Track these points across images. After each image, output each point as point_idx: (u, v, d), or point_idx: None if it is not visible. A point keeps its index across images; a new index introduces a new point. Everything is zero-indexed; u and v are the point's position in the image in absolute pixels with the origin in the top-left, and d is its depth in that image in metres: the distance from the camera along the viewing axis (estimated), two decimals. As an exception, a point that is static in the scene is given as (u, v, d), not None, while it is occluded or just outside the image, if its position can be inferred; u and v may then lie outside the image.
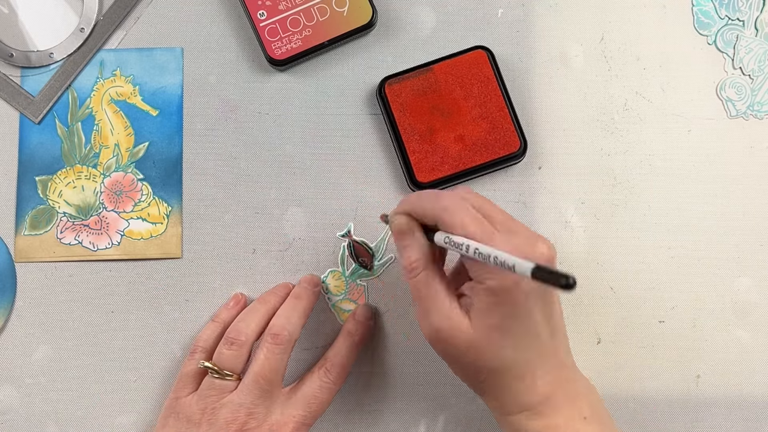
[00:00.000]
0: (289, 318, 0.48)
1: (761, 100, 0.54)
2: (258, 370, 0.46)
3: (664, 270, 0.53)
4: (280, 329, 0.47)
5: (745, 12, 0.55)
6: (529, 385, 0.41)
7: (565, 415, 0.41)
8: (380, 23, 0.54)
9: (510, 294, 0.39)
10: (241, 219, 0.53)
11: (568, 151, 0.54)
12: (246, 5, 0.53)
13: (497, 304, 0.40)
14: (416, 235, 0.43)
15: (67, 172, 0.53)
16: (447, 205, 0.41)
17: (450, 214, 0.41)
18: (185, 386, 0.48)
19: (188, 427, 0.46)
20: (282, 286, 0.51)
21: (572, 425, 0.41)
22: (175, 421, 0.47)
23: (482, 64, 0.52)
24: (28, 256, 0.52)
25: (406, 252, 0.43)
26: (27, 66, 0.53)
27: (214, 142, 0.53)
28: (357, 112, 0.54)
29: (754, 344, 0.52)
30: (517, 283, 0.39)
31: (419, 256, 0.42)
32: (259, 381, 0.46)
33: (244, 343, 0.47)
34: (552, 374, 0.42)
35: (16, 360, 0.51)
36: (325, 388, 0.48)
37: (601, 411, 0.43)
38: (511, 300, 0.39)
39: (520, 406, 0.41)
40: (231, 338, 0.47)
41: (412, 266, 0.42)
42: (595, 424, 0.42)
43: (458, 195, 0.42)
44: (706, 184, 0.53)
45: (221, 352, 0.47)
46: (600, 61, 0.54)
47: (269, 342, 0.46)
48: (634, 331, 0.52)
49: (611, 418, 0.44)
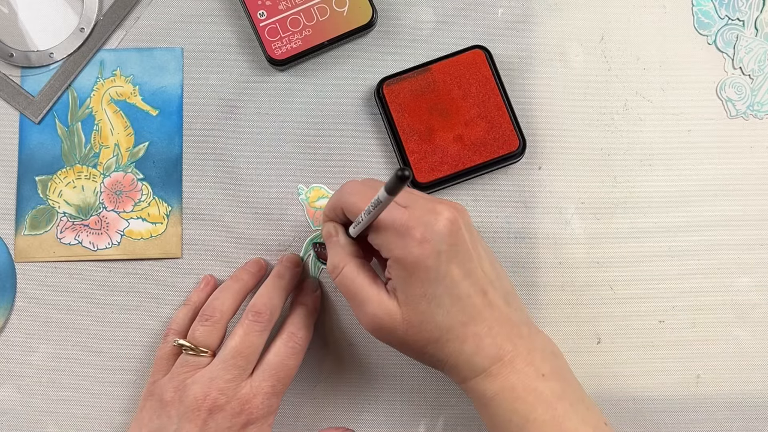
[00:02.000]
0: (272, 297, 0.48)
1: (761, 100, 0.54)
2: (235, 345, 0.46)
3: (664, 270, 0.53)
4: (262, 307, 0.47)
5: (745, 12, 0.55)
6: (475, 347, 0.41)
7: (521, 374, 0.41)
8: (380, 23, 0.54)
9: (419, 260, 0.40)
10: (241, 219, 0.53)
11: (568, 151, 0.54)
12: (246, 5, 0.53)
13: (411, 274, 0.41)
14: (339, 236, 0.45)
15: (67, 172, 0.53)
16: (344, 190, 0.44)
17: (347, 195, 0.43)
18: (161, 369, 0.48)
19: (161, 407, 0.45)
20: (253, 262, 0.51)
21: (530, 384, 0.41)
22: (151, 403, 0.46)
23: (480, 64, 0.52)
24: (28, 256, 0.52)
25: (329, 254, 0.45)
26: (27, 66, 0.53)
27: (214, 142, 0.53)
28: (357, 112, 0.54)
29: (754, 344, 0.52)
30: (421, 243, 0.40)
31: (341, 255, 0.44)
32: (236, 356, 0.45)
33: (219, 320, 0.47)
34: (497, 332, 0.42)
35: (16, 360, 0.51)
36: (291, 354, 0.47)
37: (561, 366, 0.43)
38: (422, 265, 0.40)
39: (473, 371, 0.42)
40: (206, 315, 0.47)
41: (334, 264, 0.44)
42: (554, 380, 0.42)
43: (363, 182, 0.45)
44: (706, 184, 0.53)
45: (196, 329, 0.47)
46: (600, 61, 0.54)
47: (250, 319, 0.46)
48: (634, 331, 0.52)
49: (573, 374, 0.44)
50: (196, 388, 0.45)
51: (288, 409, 0.51)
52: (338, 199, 0.44)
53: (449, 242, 0.41)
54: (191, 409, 0.44)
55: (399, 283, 0.41)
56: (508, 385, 0.41)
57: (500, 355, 0.41)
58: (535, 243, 0.53)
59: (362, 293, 0.43)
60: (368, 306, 0.42)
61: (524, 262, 0.52)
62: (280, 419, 0.51)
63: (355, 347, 0.52)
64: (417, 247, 0.40)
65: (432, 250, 0.40)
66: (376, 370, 0.52)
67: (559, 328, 0.52)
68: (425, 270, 0.40)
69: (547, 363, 0.42)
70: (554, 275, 0.52)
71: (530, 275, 0.52)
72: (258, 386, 0.46)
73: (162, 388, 0.46)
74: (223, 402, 0.45)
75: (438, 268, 0.41)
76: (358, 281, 0.43)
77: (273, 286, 0.49)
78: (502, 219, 0.53)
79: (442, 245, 0.41)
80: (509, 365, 0.41)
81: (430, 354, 0.42)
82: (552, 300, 0.52)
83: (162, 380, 0.47)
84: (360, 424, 0.51)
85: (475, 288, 0.42)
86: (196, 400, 0.44)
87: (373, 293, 0.42)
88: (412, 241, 0.40)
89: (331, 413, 0.51)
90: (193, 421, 0.44)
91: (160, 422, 0.45)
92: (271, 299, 0.48)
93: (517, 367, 0.41)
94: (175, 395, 0.45)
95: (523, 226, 0.53)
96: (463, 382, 0.43)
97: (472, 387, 0.42)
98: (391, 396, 0.52)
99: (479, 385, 0.42)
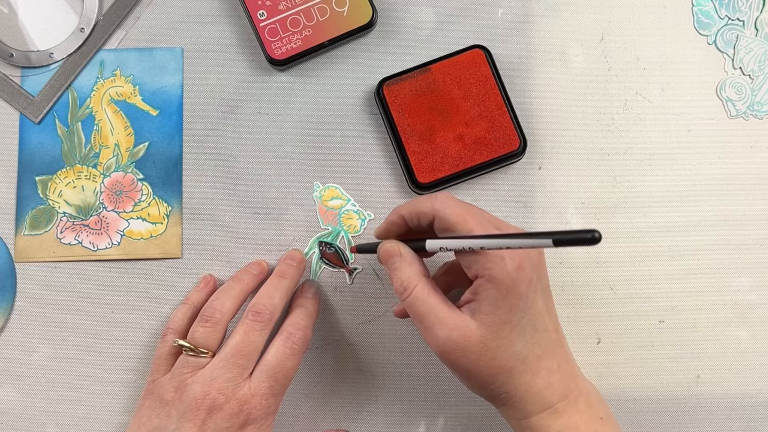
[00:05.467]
0: (272, 297, 0.48)
1: (761, 100, 0.54)
2: (235, 345, 0.45)
3: (664, 270, 0.53)
4: (263, 307, 0.47)
5: (745, 12, 0.55)
6: (545, 382, 0.41)
7: (584, 414, 0.41)
8: (380, 23, 0.54)
9: (514, 284, 0.39)
10: (241, 219, 0.53)
11: (568, 151, 0.54)
12: (246, 5, 0.53)
13: (505, 297, 0.40)
14: (403, 253, 0.43)
15: (67, 172, 0.53)
16: (443, 199, 0.42)
17: (449, 208, 0.41)
18: (160, 368, 0.47)
19: (161, 407, 0.45)
20: (255, 264, 0.51)
21: (591, 425, 0.41)
22: (150, 402, 0.46)
23: (480, 63, 0.52)
24: (28, 256, 0.52)
25: (395, 274, 0.43)
26: (27, 66, 0.53)
27: (214, 142, 0.53)
28: (357, 112, 0.54)
29: (754, 344, 0.52)
30: (519, 269, 0.39)
31: (410, 274, 0.42)
32: (236, 355, 0.45)
33: (219, 321, 0.47)
34: (564, 370, 0.42)
35: (16, 360, 0.51)
36: (290, 355, 0.47)
37: (611, 412, 0.44)
38: (516, 291, 0.40)
39: (539, 406, 0.41)
40: (206, 316, 0.47)
41: (404, 286, 0.42)
42: (610, 425, 0.42)
43: (445, 194, 0.43)
44: (706, 184, 0.53)
45: (196, 330, 0.47)
46: (600, 61, 0.54)
47: (250, 319, 0.46)
48: (634, 331, 0.52)
49: None
50: (196, 387, 0.45)
51: (288, 409, 0.51)
52: (434, 208, 0.42)
53: (539, 273, 0.41)
54: (190, 408, 0.44)
55: (487, 304, 0.40)
56: (572, 424, 0.41)
57: (566, 393, 0.41)
58: (535, 243, 0.53)
59: (435, 314, 0.41)
60: (442, 327, 0.40)
61: (524, 262, 0.52)
62: (280, 419, 0.51)
63: (355, 347, 0.52)
64: (515, 271, 0.39)
65: (526, 276, 0.40)
66: (376, 370, 0.52)
67: (559, 328, 0.52)
68: (517, 296, 0.40)
69: (602, 407, 0.43)
70: (554, 275, 0.52)
71: (530, 275, 0.52)
72: (256, 387, 0.45)
73: (162, 387, 0.46)
74: (222, 402, 0.44)
75: (528, 296, 0.40)
76: (430, 302, 0.41)
77: (274, 286, 0.48)
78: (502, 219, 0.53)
79: (534, 274, 0.40)
80: (573, 404, 0.41)
81: (499, 384, 0.41)
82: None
83: (162, 379, 0.47)
84: (360, 424, 0.51)
85: (553, 323, 0.42)
86: (195, 400, 0.44)
87: (446, 314, 0.41)
88: (510, 263, 0.39)
89: (331, 413, 0.51)
90: (192, 420, 0.44)
91: (160, 421, 0.45)
92: (272, 299, 0.47)
93: (580, 407, 0.41)
94: (176, 395, 0.45)
95: (523, 226, 0.53)
96: (526, 417, 0.42)
97: (535, 423, 0.41)
98: (391, 396, 0.52)
99: (544, 420, 0.41)
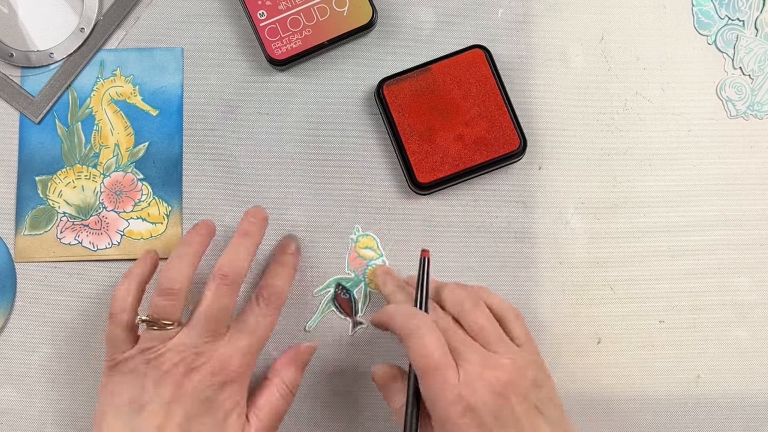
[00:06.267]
0: (238, 256, 0.46)
1: (761, 100, 0.54)
2: (205, 309, 0.44)
3: (664, 270, 0.53)
4: (229, 269, 0.45)
5: (745, 12, 0.55)
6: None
7: None
8: (380, 23, 0.54)
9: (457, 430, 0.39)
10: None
11: (568, 150, 0.54)
12: (246, 5, 0.53)
13: None
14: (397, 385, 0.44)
15: (67, 172, 0.53)
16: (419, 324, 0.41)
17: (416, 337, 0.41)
18: (118, 347, 0.45)
19: (134, 379, 0.43)
20: (202, 224, 0.49)
21: None
22: (120, 377, 0.44)
23: (480, 63, 0.52)
24: (28, 256, 0.52)
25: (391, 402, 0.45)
26: (27, 66, 0.53)
27: (214, 142, 0.53)
28: (357, 112, 0.54)
29: (754, 344, 0.52)
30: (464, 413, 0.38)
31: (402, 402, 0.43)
32: (208, 320, 0.44)
33: (180, 291, 0.44)
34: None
35: (16, 360, 0.51)
36: (267, 314, 0.46)
37: None
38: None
39: None
40: (165, 289, 0.44)
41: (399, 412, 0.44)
42: None
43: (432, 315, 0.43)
44: (706, 184, 0.53)
45: (157, 304, 0.44)
46: (600, 61, 0.54)
47: (218, 281, 0.45)
48: (634, 331, 0.52)
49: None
50: (170, 354, 0.43)
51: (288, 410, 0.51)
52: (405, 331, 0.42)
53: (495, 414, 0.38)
54: (166, 372, 0.43)
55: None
56: None
57: None
58: (535, 243, 0.53)
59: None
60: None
61: (524, 262, 0.52)
62: (280, 419, 0.51)
63: (354, 347, 0.52)
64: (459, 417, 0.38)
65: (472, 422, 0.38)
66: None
67: (559, 328, 0.52)
68: None
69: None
70: (554, 275, 0.52)
71: (530, 275, 0.52)
72: (235, 345, 0.44)
73: (132, 361, 0.44)
74: (202, 362, 0.43)
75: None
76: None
77: (239, 245, 0.47)
78: (502, 219, 0.53)
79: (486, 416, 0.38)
80: None
81: None
82: (552, 300, 0.52)
83: (126, 355, 0.44)
84: (360, 425, 0.51)
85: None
86: (172, 365, 0.43)
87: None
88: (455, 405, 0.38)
89: (330, 413, 0.51)
90: (169, 384, 0.43)
91: (134, 392, 0.43)
92: (238, 259, 0.46)
93: None
94: (148, 366, 0.43)
95: (523, 226, 0.53)
96: None
97: None
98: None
99: None
